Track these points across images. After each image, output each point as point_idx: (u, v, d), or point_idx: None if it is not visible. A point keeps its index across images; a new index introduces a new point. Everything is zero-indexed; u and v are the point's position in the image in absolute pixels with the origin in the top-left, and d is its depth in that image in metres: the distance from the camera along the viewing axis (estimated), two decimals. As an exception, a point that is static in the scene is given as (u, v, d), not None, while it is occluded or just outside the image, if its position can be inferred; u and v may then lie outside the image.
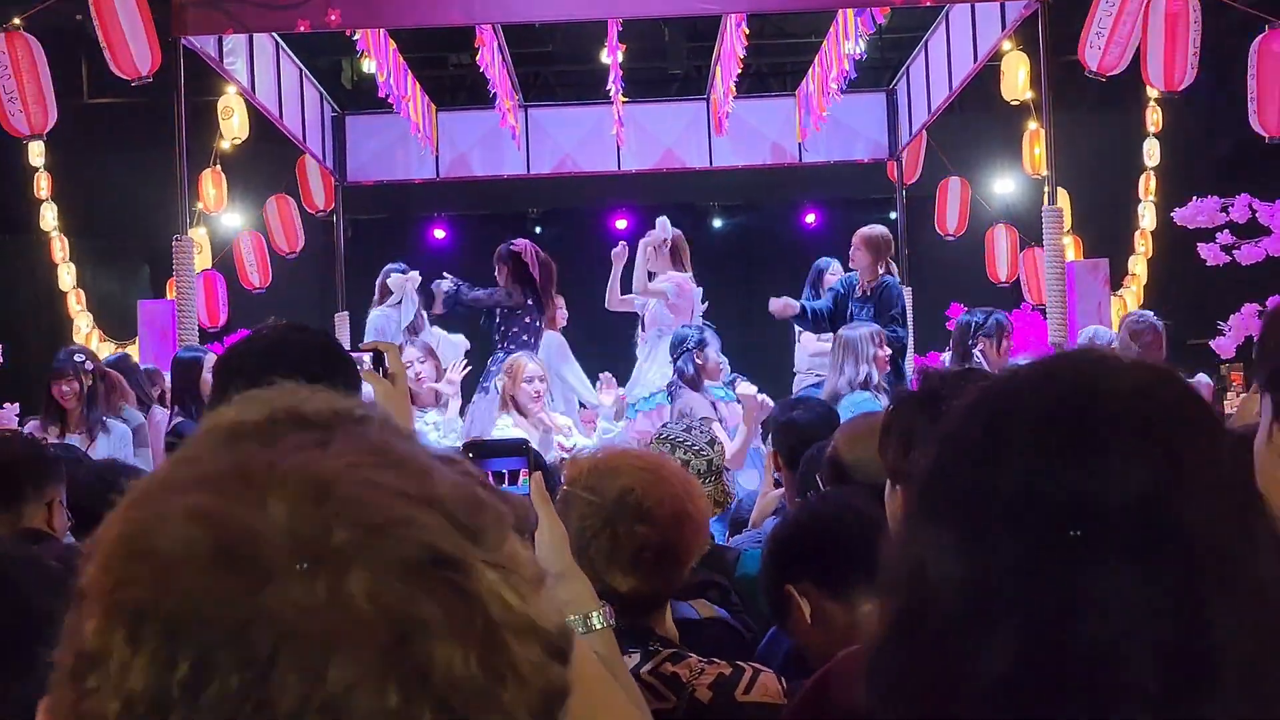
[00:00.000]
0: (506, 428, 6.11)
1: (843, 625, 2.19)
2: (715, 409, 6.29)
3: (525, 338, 7.50)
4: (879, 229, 7.40)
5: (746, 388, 6.03)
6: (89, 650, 0.60)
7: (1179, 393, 1.00)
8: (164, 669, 0.58)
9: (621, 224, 14.66)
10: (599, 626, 1.69)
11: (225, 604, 0.59)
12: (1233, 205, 7.95)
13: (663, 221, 7.48)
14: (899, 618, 0.97)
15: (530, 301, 7.53)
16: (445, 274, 7.73)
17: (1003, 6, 8.48)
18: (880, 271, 7.23)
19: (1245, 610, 0.91)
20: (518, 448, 1.84)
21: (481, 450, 1.84)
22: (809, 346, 7.91)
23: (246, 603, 0.58)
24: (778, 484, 4.19)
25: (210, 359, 5.61)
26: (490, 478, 1.79)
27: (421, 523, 0.62)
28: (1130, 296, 10.12)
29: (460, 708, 0.60)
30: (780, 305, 7.41)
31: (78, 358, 6.33)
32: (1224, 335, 7.53)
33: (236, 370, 2.08)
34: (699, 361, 6.48)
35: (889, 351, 6.23)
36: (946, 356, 6.61)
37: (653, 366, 7.23)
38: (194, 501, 0.61)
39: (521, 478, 1.79)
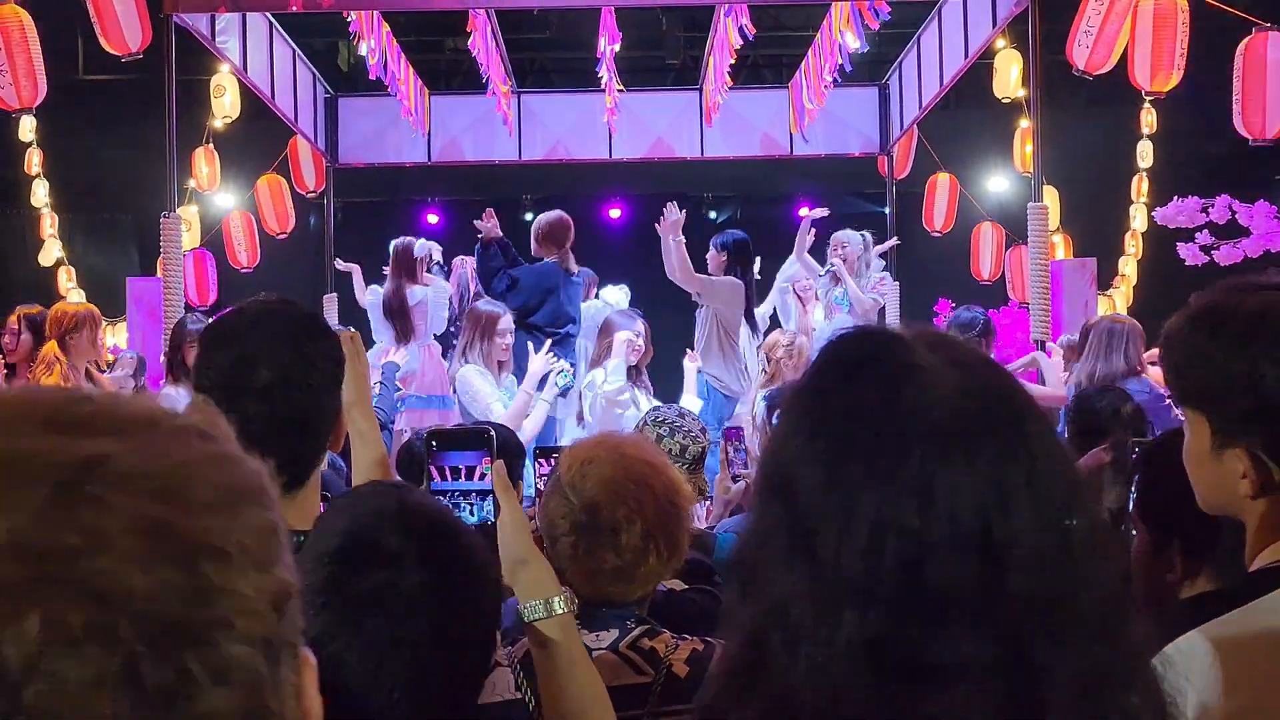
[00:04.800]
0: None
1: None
2: None
3: None
4: (558, 214, 8.14)
5: None
6: None
7: (1011, 395, 0.97)
8: None
9: (615, 213, 14.68)
10: (560, 611, 1.71)
11: None
12: (1213, 206, 7.97)
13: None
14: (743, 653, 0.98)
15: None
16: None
17: (994, 3, 8.48)
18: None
19: (1074, 650, 0.90)
20: (480, 437, 1.88)
21: (444, 441, 1.89)
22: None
23: None
24: None
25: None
26: (450, 471, 1.85)
27: (37, 448, 0.60)
28: (1119, 297, 10.09)
29: (158, 618, 0.57)
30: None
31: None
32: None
33: (226, 339, 2.08)
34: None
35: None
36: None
37: None
38: None
39: (483, 465, 1.83)
